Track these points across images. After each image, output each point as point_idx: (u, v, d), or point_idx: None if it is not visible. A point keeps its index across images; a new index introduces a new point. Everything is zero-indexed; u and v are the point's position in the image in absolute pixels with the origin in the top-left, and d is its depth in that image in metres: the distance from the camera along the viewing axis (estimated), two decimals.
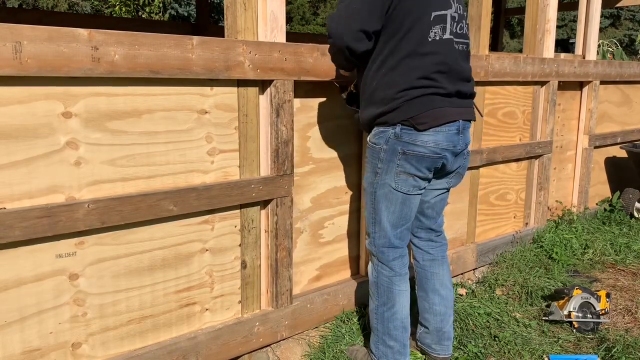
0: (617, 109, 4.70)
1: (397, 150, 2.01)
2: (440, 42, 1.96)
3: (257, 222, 2.34)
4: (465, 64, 2.08)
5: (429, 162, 2.01)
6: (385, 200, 2.09)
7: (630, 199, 4.50)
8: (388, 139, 2.02)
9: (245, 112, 2.23)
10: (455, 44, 2.02)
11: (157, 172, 2.03)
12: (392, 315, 2.16)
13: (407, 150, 1.99)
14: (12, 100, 1.68)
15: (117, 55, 1.81)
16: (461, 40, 2.05)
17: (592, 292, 2.85)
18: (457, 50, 2.02)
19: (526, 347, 2.53)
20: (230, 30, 2.17)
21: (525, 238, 3.78)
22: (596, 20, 4.18)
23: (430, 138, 1.97)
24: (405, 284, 2.19)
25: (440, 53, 1.96)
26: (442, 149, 2.00)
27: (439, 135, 1.98)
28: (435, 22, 1.94)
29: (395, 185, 2.05)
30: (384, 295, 2.17)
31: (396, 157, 2.02)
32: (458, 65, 2.02)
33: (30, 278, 1.79)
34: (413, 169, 2.02)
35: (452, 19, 1.99)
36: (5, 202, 1.71)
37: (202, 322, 2.24)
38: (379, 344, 2.20)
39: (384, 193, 2.09)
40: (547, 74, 3.67)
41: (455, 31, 2.01)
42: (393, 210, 2.09)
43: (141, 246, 2.02)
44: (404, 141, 1.99)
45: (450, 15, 1.98)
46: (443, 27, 1.96)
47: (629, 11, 21.56)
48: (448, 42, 1.98)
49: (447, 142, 2.01)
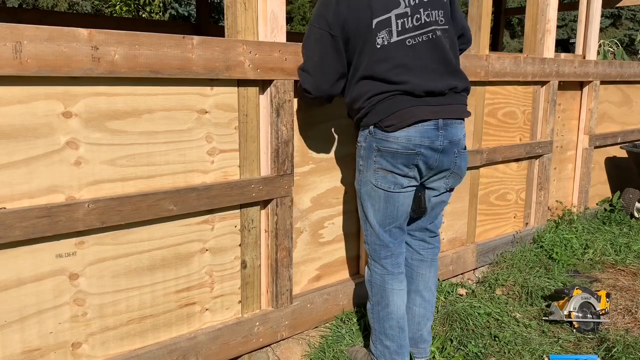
0: (618, 109, 4.70)
1: (373, 147, 2.05)
2: (388, 47, 1.96)
3: (257, 222, 2.34)
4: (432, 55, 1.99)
5: (403, 158, 2.00)
6: (369, 198, 2.12)
7: (630, 199, 4.50)
8: (366, 137, 2.09)
9: (245, 112, 2.23)
10: (411, 39, 1.97)
11: (157, 172, 2.03)
12: (387, 314, 2.16)
13: (381, 147, 2.02)
14: (12, 100, 1.68)
15: (117, 55, 1.81)
16: (421, 32, 1.98)
17: (592, 292, 2.85)
18: (413, 46, 1.96)
19: (526, 347, 2.53)
20: (230, 30, 2.17)
21: (526, 238, 3.78)
22: (596, 20, 4.18)
23: (401, 134, 1.98)
24: (400, 283, 2.18)
25: (393, 57, 1.96)
26: (415, 145, 1.98)
27: (411, 130, 1.98)
28: (378, 29, 1.96)
29: (375, 182, 2.08)
30: (378, 294, 2.18)
31: (373, 153, 2.06)
32: (419, 62, 1.97)
33: (30, 278, 1.79)
34: (389, 165, 2.03)
35: (401, 17, 1.96)
36: (5, 202, 1.71)
37: (202, 322, 2.24)
38: (376, 343, 2.21)
39: (366, 190, 2.13)
40: (548, 74, 3.67)
41: (408, 26, 1.97)
42: (378, 208, 2.11)
43: (141, 246, 2.02)
44: (377, 138, 2.03)
45: (396, 14, 1.96)
46: (389, 30, 1.96)
47: (630, 11, 21.56)
48: (397, 44, 1.97)
49: (420, 137, 1.98)
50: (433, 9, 2.01)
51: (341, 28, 2.00)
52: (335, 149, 2.65)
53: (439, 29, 2.02)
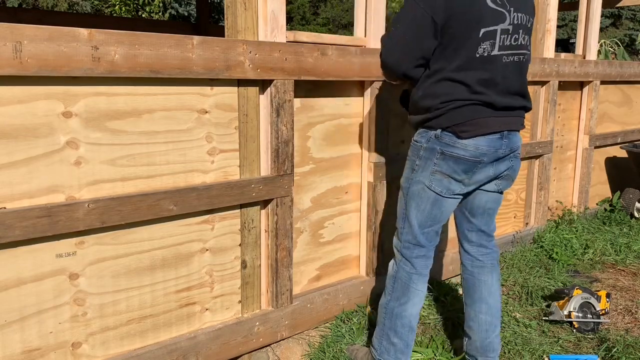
0: (618, 109, 4.70)
1: (436, 150, 2.02)
2: (487, 59, 1.95)
3: (257, 221, 2.34)
4: (517, 78, 2.05)
5: (466, 165, 2.00)
6: (417, 198, 2.10)
7: (630, 199, 4.50)
8: (429, 138, 2.04)
9: (245, 112, 2.23)
10: (506, 57, 1.99)
11: (157, 172, 2.03)
12: (402, 312, 2.15)
13: (446, 151, 2.00)
14: (12, 100, 1.68)
15: (117, 54, 1.81)
16: (514, 52, 2.02)
17: (592, 292, 2.85)
18: (506, 64, 2.00)
19: (526, 347, 2.53)
20: (230, 30, 2.17)
21: (526, 238, 3.78)
22: (597, 20, 4.18)
23: (470, 142, 1.98)
24: (423, 285, 2.17)
25: (487, 70, 1.96)
26: (481, 153, 1.99)
27: (481, 140, 1.98)
28: (484, 39, 1.94)
29: (429, 184, 2.05)
30: (399, 290, 2.16)
31: (434, 156, 2.03)
32: (506, 81, 2.00)
33: (30, 278, 1.79)
34: (449, 170, 2.02)
35: (503, 33, 1.97)
36: (5, 202, 1.71)
37: (202, 322, 2.24)
38: (382, 339, 2.20)
39: (416, 190, 2.09)
40: (548, 74, 3.67)
41: (507, 44, 1.99)
42: (423, 208, 2.09)
43: (141, 246, 2.02)
44: (444, 142, 2.00)
45: (501, 29, 1.96)
46: (492, 43, 1.95)
47: (630, 11, 21.55)
48: (496, 58, 1.97)
49: (487, 146, 2.00)
50: (526, 33, 2.06)
51: (445, 20, 1.92)
52: (335, 149, 2.65)
53: (526, 54, 2.07)
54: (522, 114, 2.14)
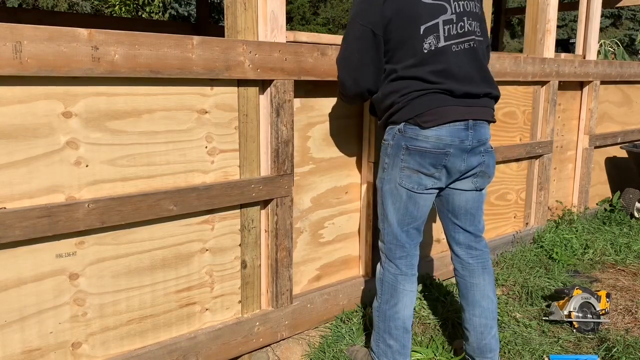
0: (618, 109, 4.70)
1: (402, 146, 2.03)
2: (435, 52, 1.98)
3: (257, 222, 2.34)
4: (472, 64, 2.05)
5: (432, 157, 2.00)
6: (391, 196, 2.10)
7: (630, 199, 4.50)
8: (394, 134, 2.06)
9: (245, 112, 2.23)
10: (455, 46, 2.01)
11: (157, 172, 2.03)
12: (394, 314, 2.15)
13: (410, 145, 2.00)
14: (12, 100, 1.68)
15: (117, 55, 1.81)
16: (464, 39, 2.03)
17: (592, 292, 2.85)
18: (456, 53, 2.01)
19: (526, 347, 2.53)
20: (230, 30, 2.17)
21: (526, 238, 3.78)
22: (596, 20, 4.18)
23: (432, 133, 1.97)
24: (411, 285, 2.17)
25: (439, 62, 1.97)
26: (445, 144, 1.98)
27: (442, 130, 1.98)
28: (426, 34, 1.97)
29: (400, 181, 2.06)
30: (388, 293, 2.17)
31: (401, 152, 2.03)
32: (462, 69, 2.01)
33: (30, 278, 1.79)
34: (417, 165, 2.02)
35: (447, 23, 1.99)
36: (5, 202, 1.71)
37: (202, 322, 2.24)
38: (379, 342, 2.20)
39: (389, 189, 2.10)
40: (548, 74, 3.67)
41: (453, 33, 2.00)
42: (398, 207, 2.09)
43: (141, 246, 2.02)
44: (407, 136, 2.01)
45: (444, 20, 1.98)
46: (436, 36, 1.97)
47: (630, 11, 21.56)
48: (444, 49, 1.98)
49: (451, 136, 1.98)
50: (473, 20, 2.07)
51: (384, 28, 2.00)
52: (335, 149, 2.65)
53: (476, 40, 2.08)
54: (489, 104, 2.11)
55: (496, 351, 2.26)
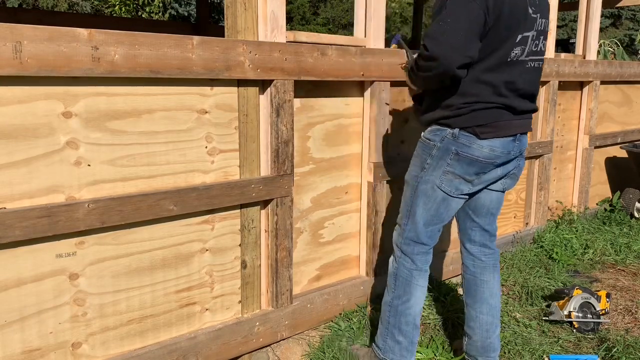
0: (618, 109, 4.70)
1: (451, 150, 2.02)
2: (515, 63, 1.98)
3: (257, 222, 2.34)
4: (535, 83, 2.10)
5: (479, 166, 2.02)
6: (425, 196, 2.10)
7: (630, 199, 4.50)
8: (444, 137, 2.03)
9: (245, 112, 2.23)
10: (530, 62, 2.03)
11: (157, 172, 2.03)
12: (406, 309, 2.15)
13: (461, 151, 2.00)
14: (12, 100, 1.68)
15: (117, 55, 1.81)
16: (536, 58, 2.05)
17: (592, 292, 2.85)
18: (529, 69, 2.03)
19: (526, 347, 2.53)
20: (230, 30, 2.17)
21: (526, 238, 3.78)
22: (596, 20, 4.18)
23: (486, 143, 1.99)
24: (424, 281, 2.18)
25: (513, 74, 1.98)
26: (495, 155, 2.02)
27: (496, 142, 2.00)
28: (519, 44, 1.97)
29: (440, 184, 2.06)
30: (401, 288, 2.16)
31: (448, 156, 2.03)
32: (528, 85, 2.04)
33: (30, 278, 1.79)
34: (462, 172, 2.03)
35: (533, 39, 2.01)
36: (5, 202, 1.71)
37: (202, 322, 2.24)
38: (387, 338, 2.19)
39: (425, 189, 2.09)
40: (548, 74, 3.67)
41: (532, 50, 2.03)
42: (429, 207, 2.10)
43: (141, 246, 2.02)
44: (460, 142, 2.00)
45: (532, 35, 2.00)
46: (523, 48, 1.99)
47: (630, 11, 21.56)
48: (522, 63, 2.00)
49: (502, 148, 2.02)
50: (544, 39, 2.09)
51: (494, 20, 1.88)
52: (335, 149, 2.65)
53: (543, 60, 2.11)
54: (531, 117, 2.18)
55: (498, 351, 2.28)
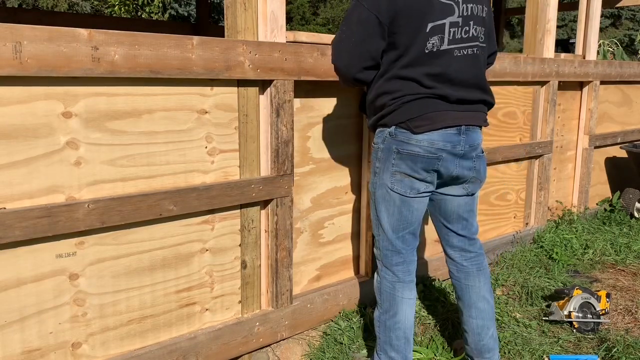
0: (618, 109, 4.70)
1: (392, 150, 1.99)
2: (437, 54, 1.92)
3: (257, 222, 2.34)
4: (471, 70, 2.01)
5: (424, 162, 1.96)
6: (384, 202, 2.06)
7: (630, 199, 4.50)
8: (385, 138, 2.02)
9: (245, 112, 2.23)
10: (458, 50, 1.96)
11: (157, 172, 2.03)
12: (394, 324, 2.11)
13: (401, 149, 1.97)
14: (12, 100, 1.68)
15: (117, 55, 1.81)
16: (467, 45, 1.98)
17: (592, 292, 2.85)
18: (458, 57, 1.96)
19: (526, 347, 2.53)
20: (230, 30, 2.17)
21: (526, 238, 3.78)
22: (596, 20, 4.18)
23: (424, 137, 1.94)
24: (410, 292, 2.13)
25: (437, 65, 1.93)
26: (437, 149, 1.95)
27: (435, 134, 1.94)
28: (432, 34, 1.91)
29: (392, 186, 2.02)
30: (387, 302, 2.12)
31: (392, 156, 2.00)
32: (460, 74, 1.97)
33: (30, 278, 1.79)
34: (408, 169, 1.98)
35: (453, 25, 1.94)
36: (5, 202, 1.71)
37: (202, 322, 2.24)
38: (380, 354, 2.17)
39: (382, 194, 2.06)
40: (547, 74, 3.67)
41: (458, 37, 1.95)
42: (392, 212, 2.05)
43: (141, 246, 2.02)
44: (398, 140, 1.97)
45: (450, 22, 1.93)
46: (441, 37, 1.92)
47: (630, 11, 21.57)
48: (446, 52, 1.94)
49: (443, 141, 1.95)
50: (478, 25, 2.01)
51: (391, 18, 1.90)
52: (335, 149, 2.65)
53: (480, 46, 2.03)
54: (482, 109, 2.09)
55: (494, 350, 2.25)
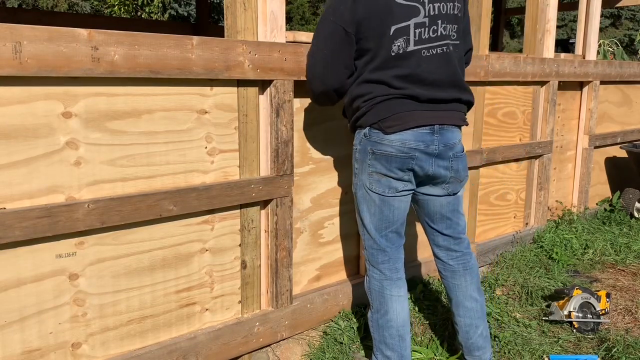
0: (617, 109, 4.70)
1: (368, 150, 2.03)
2: (403, 55, 1.94)
3: (257, 222, 2.34)
4: (444, 70, 2.00)
5: (398, 162, 1.98)
6: (365, 202, 2.10)
7: (630, 199, 4.50)
8: (361, 139, 2.07)
9: (245, 112, 2.23)
10: (426, 50, 1.96)
11: (157, 172, 2.03)
12: (386, 322, 2.12)
13: (375, 150, 2.01)
14: (12, 100, 1.68)
15: (117, 55, 1.81)
16: (435, 44, 1.97)
17: (592, 292, 2.85)
18: (428, 57, 1.96)
19: (526, 347, 2.53)
20: (230, 30, 2.17)
21: (526, 238, 3.78)
22: (596, 20, 4.18)
23: (396, 137, 1.97)
24: (398, 289, 2.13)
25: (405, 66, 1.94)
26: (409, 149, 1.96)
27: (406, 134, 1.96)
28: (396, 36, 1.93)
29: (370, 186, 2.06)
30: (377, 301, 2.14)
31: (367, 156, 2.04)
32: (431, 74, 1.97)
33: (30, 278, 1.79)
34: (384, 169, 2.01)
35: (419, 26, 1.94)
36: (5, 202, 1.71)
37: (202, 322, 2.24)
38: (377, 354, 2.18)
39: (362, 194, 2.11)
40: (547, 74, 3.67)
41: (425, 37, 1.95)
42: (373, 212, 2.09)
43: (141, 246, 2.02)
44: (372, 141, 2.01)
45: (415, 23, 1.93)
46: (406, 39, 1.93)
47: (629, 11, 21.57)
48: (413, 54, 1.94)
49: (415, 141, 1.96)
50: (449, 23, 2.00)
51: (356, 27, 1.95)
52: (335, 149, 2.65)
53: (451, 44, 2.02)
54: (459, 108, 2.08)
55: (485, 348, 2.24)
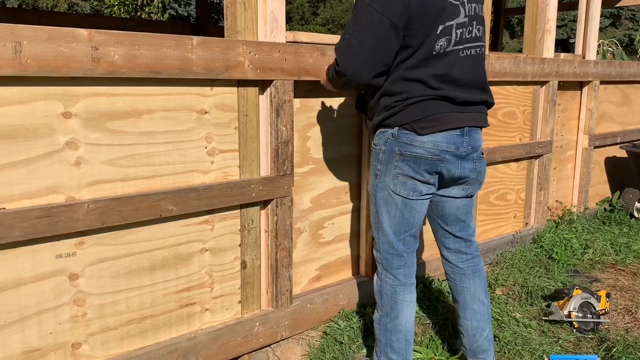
0: (617, 109, 4.70)
1: (395, 152, 1.96)
2: (443, 55, 1.91)
3: (257, 222, 2.34)
4: (475, 71, 2.00)
5: (427, 164, 1.94)
6: (385, 204, 2.04)
7: (630, 198, 4.50)
8: (387, 139, 1.99)
9: (245, 112, 2.23)
10: (462, 51, 1.94)
11: (157, 172, 2.03)
12: (395, 327, 2.10)
13: (404, 151, 1.94)
14: (12, 100, 1.68)
15: (117, 55, 1.81)
16: (470, 45, 1.96)
17: (592, 292, 2.85)
18: (463, 58, 1.95)
19: (526, 347, 2.53)
20: (230, 30, 2.17)
21: (525, 238, 3.78)
22: (596, 20, 4.18)
23: (428, 139, 1.92)
24: (410, 295, 2.12)
25: (443, 66, 1.91)
26: (441, 151, 1.93)
27: (439, 136, 1.92)
28: (441, 35, 1.89)
29: (394, 188, 1.99)
30: (387, 305, 2.11)
31: (394, 158, 1.97)
32: (465, 75, 1.95)
33: (30, 278, 1.79)
34: (411, 172, 1.96)
35: (459, 27, 1.92)
36: (5, 202, 1.71)
37: (202, 322, 2.24)
38: (381, 356, 2.16)
39: (383, 196, 2.04)
40: (547, 74, 3.67)
41: (462, 38, 1.94)
42: (394, 214, 2.03)
43: (141, 246, 2.02)
44: (401, 142, 1.95)
45: (457, 23, 1.91)
46: (448, 39, 1.90)
47: (629, 11, 21.58)
48: (452, 53, 1.92)
49: (447, 143, 1.93)
50: (479, 24, 2.00)
51: (406, 22, 1.84)
52: (335, 149, 2.65)
53: (481, 45, 2.02)
54: (483, 110, 2.08)
55: (489, 351, 2.24)
